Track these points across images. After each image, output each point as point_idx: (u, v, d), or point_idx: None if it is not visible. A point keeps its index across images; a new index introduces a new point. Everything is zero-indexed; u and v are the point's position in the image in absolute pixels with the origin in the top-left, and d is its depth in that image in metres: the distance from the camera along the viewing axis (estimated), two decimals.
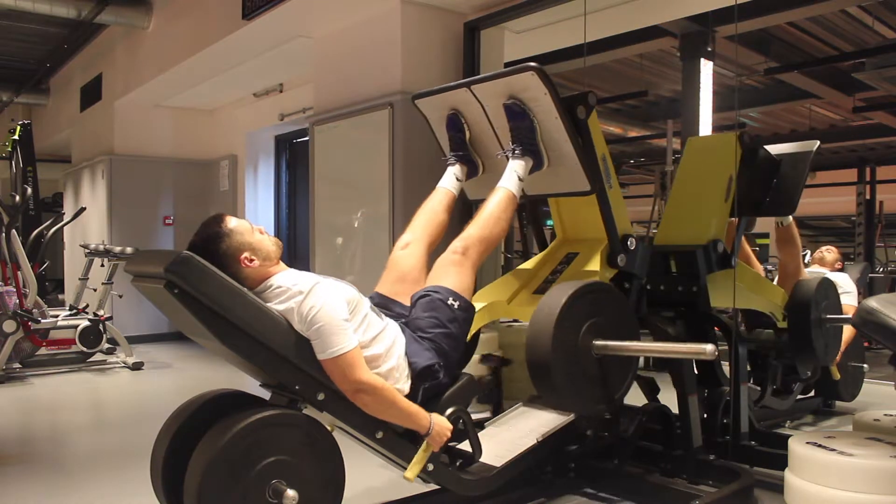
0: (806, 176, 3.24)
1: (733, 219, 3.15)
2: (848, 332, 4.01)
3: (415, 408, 2.14)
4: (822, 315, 3.30)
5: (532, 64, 2.48)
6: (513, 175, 2.59)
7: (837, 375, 3.88)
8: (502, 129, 2.68)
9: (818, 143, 3.30)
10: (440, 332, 2.28)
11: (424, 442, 2.15)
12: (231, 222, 2.14)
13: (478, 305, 2.76)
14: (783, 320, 3.31)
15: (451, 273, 2.40)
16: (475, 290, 2.67)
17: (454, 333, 2.31)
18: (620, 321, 2.48)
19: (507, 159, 2.64)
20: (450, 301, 2.32)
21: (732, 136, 3.11)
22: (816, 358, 3.32)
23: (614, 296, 2.52)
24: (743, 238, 3.27)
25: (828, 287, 3.40)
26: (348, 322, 2.04)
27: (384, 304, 2.40)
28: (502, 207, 2.53)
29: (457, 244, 2.47)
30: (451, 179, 2.79)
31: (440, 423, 2.17)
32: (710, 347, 2.20)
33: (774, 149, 3.32)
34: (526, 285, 2.85)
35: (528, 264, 2.97)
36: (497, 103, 2.64)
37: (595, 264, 2.69)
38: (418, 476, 2.26)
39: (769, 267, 5.75)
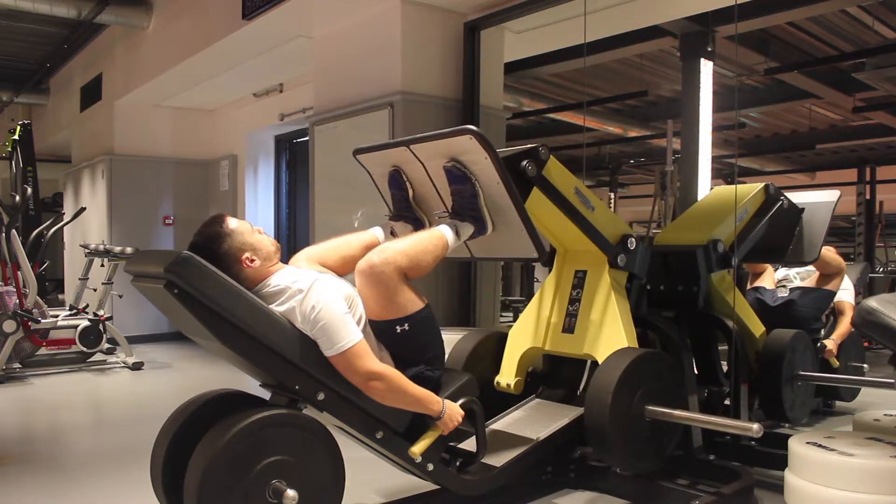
0: (828, 225, 3.32)
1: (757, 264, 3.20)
2: (844, 326, 4.02)
3: (427, 392, 2.15)
4: (794, 372, 3.21)
5: (470, 127, 2.32)
6: (453, 228, 2.39)
7: (836, 363, 3.88)
8: (444, 188, 2.51)
9: (840, 193, 3.39)
10: (410, 351, 2.22)
11: (434, 423, 2.16)
12: (232, 223, 2.15)
13: (517, 354, 2.86)
14: (755, 361, 3.23)
15: (380, 299, 2.14)
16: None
17: (422, 342, 2.23)
18: (670, 386, 2.60)
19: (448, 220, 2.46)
20: (398, 330, 2.17)
21: (756, 185, 3.26)
22: (785, 417, 3.22)
23: (664, 363, 2.63)
24: None
25: (801, 341, 3.29)
26: (350, 315, 2.05)
27: None
28: (434, 243, 2.29)
29: (371, 256, 2.15)
30: (380, 230, 2.60)
31: (452, 408, 2.19)
32: (756, 426, 2.30)
33: (797, 197, 3.42)
34: (550, 319, 2.85)
35: (541, 294, 2.94)
36: (438, 164, 2.46)
37: (611, 293, 2.71)
38: (418, 476, 2.27)
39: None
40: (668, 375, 2.62)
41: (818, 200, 3.40)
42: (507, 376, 2.86)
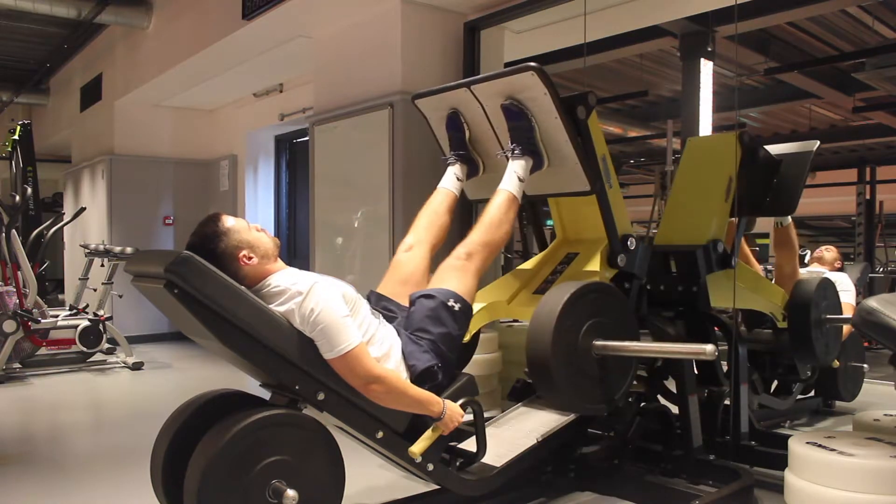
0: (806, 176, 3.25)
1: (734, 219, 3.15)
2: (844, 327, 4.02)
3: (426, 393, 2.15)
4: (821, 315, 3.30)
5: (532, 64, 2.46)
6: (513, 176, 2.58)
7: (836, 364, 3.89)
8: (502, 128, 2.67)
9: (818, 143, 3.31)
10: (439, 332, 2.27)
11: (435, 424, 2.16)
12: (228, 221, 2.15)
13: (478, 306, 2.75)
14: (783, 321, 3.31)
15: (454, 276, 2.40)
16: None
17: (452, 334, 2.30)
18: (621, 321, 2.49)
19: (507, 159, 2.63)
20: (450, 302, 2.31)
21: (732, 136, 3.12)
22: (816, 358, 3.33)
23: (615, 296, 2.53)
24: (742, 239, 3.28)
25: (827, 287, 3.40)
26: (350, 318, 2.05)
27: (383, 304, 2.40)
28: (504, 210, 2.53)
29: (461, 250, 2.46)
30: (451, 179, 2.78)
31: (453, 409, 2.19)
32: (709, 348, 2.20)
33: (775, 149, 3.33)
34: (526, 285, 2.84)
35: (528, 264, 2.96)
36: (496, 103, 2.63)
37: (595, 264, 2.68)
38: (418, 476, 2.27)
39: (769, 267, 5.75)
40: (618, 309, 2.50)
41: (795, 151, 3.34)
42: None
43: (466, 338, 2.69)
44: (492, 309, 2.80)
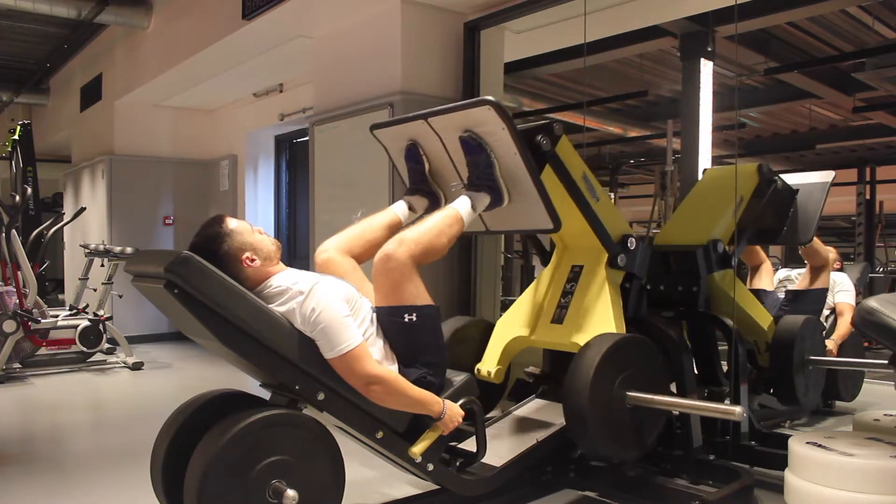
0: (822, 206, 3.32)
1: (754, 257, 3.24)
2: (844, 327, 4.03)
3: (426, 393, 2.15)
4: (805, 357, 3.24)
5: (488, 98, 2.36)
6: (466, 202, 2.42)
7: (835, 354, 3.91)
8: (461, 162, 2.55)
9: (834, 174, 3.41)
10: (412, 348, 2.23)
11: (434, 424, 2.16)
12: (232, 223, 2.16)
13: (502, 342, 2.80)
14: (765, 351, 3.27)
15: (393, 286, 2.19)
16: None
17: (425, 342, 2.25)
18: (651, 372, 2.54)
19: (464, 192, 2.50)
20: (406, 318, 2.20)
21: (750, 165, 3.23)
22: (797, 402, 3.27)
23: (646, 348, 2.57)
24: (762, 252, 3.36)
25: (812, 327, 3.34)
26: (350, 318, 2.05)
27: None
28: (447, 223, 2.34)
29: (388, 245, 2.20)
30: (402, 205, 2.64)
31: (452, 408, 2.19)
32: (738, 409, 2.28)
33: (791, 179, 3.40)
34: (541, 311, 2.82)
35: (535, 287, 2.92)
36: (454, 136, 2.50)
37: (605, 288, 2.67)
38: (418, 476, 2.27)
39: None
40: (649, 361, 2.55)
41: (812, 181, 3.41)
42: (488, 364, 2.80)
43: (500, 378, 2.75)
44: (517, 343, 2.82)
